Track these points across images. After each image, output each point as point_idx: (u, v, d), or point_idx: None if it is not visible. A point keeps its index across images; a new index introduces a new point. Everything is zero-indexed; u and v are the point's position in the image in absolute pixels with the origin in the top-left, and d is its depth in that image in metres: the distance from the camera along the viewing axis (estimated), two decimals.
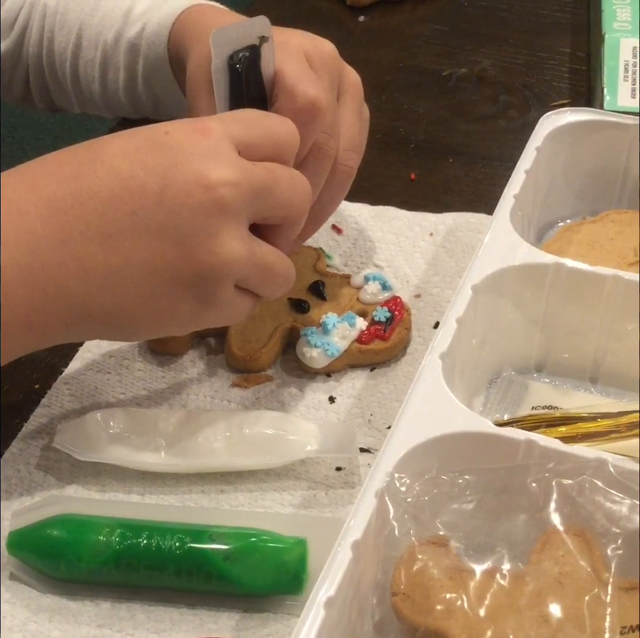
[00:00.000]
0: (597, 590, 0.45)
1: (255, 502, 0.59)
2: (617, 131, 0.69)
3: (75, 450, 0.59)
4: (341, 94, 0.63)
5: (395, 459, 0.48)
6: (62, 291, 0.51)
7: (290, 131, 0.56)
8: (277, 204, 0.55)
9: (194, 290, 0.53)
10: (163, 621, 0.54)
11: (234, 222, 0.52)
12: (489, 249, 0.60)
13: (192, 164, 0.52)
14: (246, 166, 0.53)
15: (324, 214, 0.65)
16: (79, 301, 0.51)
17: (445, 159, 0.83)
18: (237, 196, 0.52)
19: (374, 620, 0.47)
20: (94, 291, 0.51)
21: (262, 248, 0.55)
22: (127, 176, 0.51)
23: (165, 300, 0.53)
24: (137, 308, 0.53)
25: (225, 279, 0.53)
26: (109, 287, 0.51)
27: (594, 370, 0.63)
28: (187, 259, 0.52)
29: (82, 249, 0.50)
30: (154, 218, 0.51)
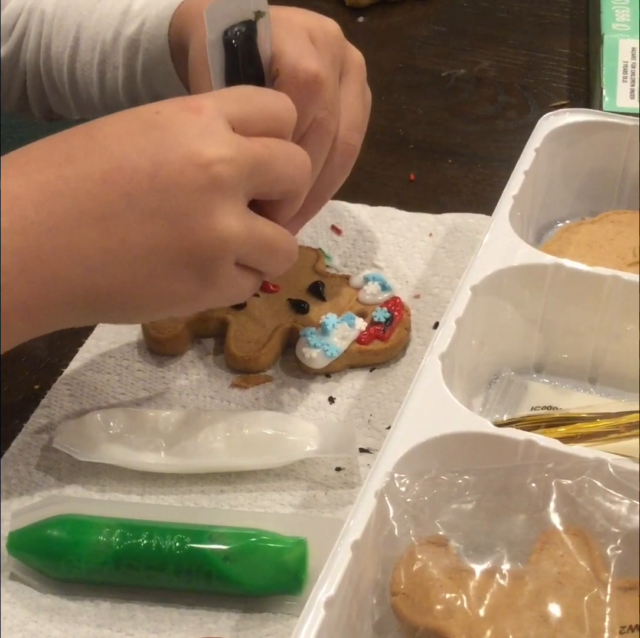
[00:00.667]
0: (596, 590, 0.45)
1: (255, 502, 0.59)
2: (616, 131, 0.69)
3: (75, 450, 0.59)
4: (344, 74, 0.63)
5: (395, 459, 0.48)
6: (58, 276, 0.50)
7: (287, 106, 0.56)
8: (276, 179, 0.54)
9: (194, 270, 0.52)
10: (163, 621, 0.54)
11: (230, 199, 0.51)
12: (488, 250, 0.60)
13: (184, 143, 0.51)
14: (241, 141, 0.52)
15: (326, 193, 0.64)
16: (76, 286, 0.51)
17: (444, 159, 0.83)
18: (232, 172, 0.51)
19: (374, 620, 0.47)
20: (91, 275, 0.51)
21: (261, 224, 0.54)
22: (119, 158, 0.50)
23: (164, 281, 0.52)
24: (136, 290, 0.52)
25: (224, 257, 0.52)
26: (106, 270, 0.51)
27: (593, 370, 0.63)
28: (185, 239, 0.51)
29: (77, 233, 0.50)
30: (148, 199, 0.50)
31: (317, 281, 0.69)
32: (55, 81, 0.78)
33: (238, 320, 0.67)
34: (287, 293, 0.69)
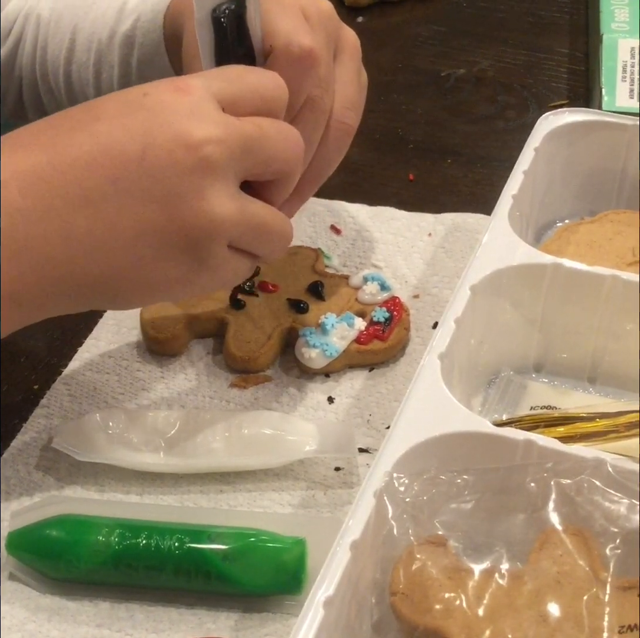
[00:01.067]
0: (595, 590, 0.45)
1: (254, 502, 0.59)
2: (616, 131, 0.69)
3: (74, 451, 0.59)
4: (338, 53, 0.62)
5: (394, 459, 0.48)
6: (48, 262, 0.49)
7: (278, 84, 0.55)
8: (268, 158, 0.53)
9: (186, 253, 0.51)
10: (162, 621, 0.54)
11: (221, 181, 0.51)
12: (487, 250, 0.60)
13: (173, 124, 0.50)
14: (231, 121, 0.51)
15: (321, 174, 0.63)
16: (66, 271, 0.50)
17: (443, 159, 0.83)
18: (222, 153, 0.50)
19: (373, 619, 0.47)
20: (81, 261, 0.50)
21: (254, 205, 0.53)
22: (107, 141, 0.50)
23: (156, 265, 0.51)
24: (127, 275, 0.51)
25: (216, 240, 0.51)
26: (96, 255, 0.50)
27: (592, 370, 0.63)
28: (175, 222, 0.50)
29: (65, 219, 0.49)
30: (137, 182, 0.49)
31: (316, 281, 0.69)
32: (51, 84, 0.77)
33: (237, 320, 0.67)
34: (286, 293, 0.68)
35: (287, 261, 0.71)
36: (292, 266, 0.71)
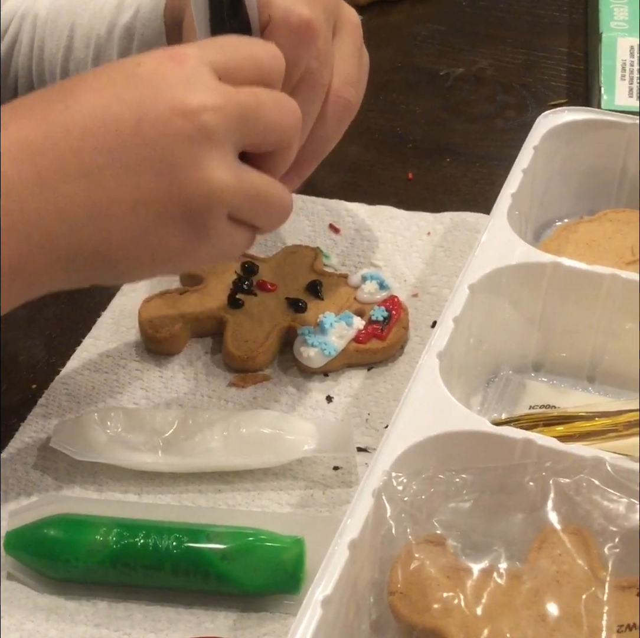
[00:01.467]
0: (594, 589, 0.45)
1: (253, 501, 0.59)
2: (615, 130, 0.69)
3: (72, 450, 0.59)
4: (338, 29, 0.61)
5: (393, 458, 0.48)
6: (44, 235, 0.48)
7: (275, 54, 0.53)
8: (265, 128, 0.52)
9: (185, 224, 0.50)
10: (160, 620, 0.54)
11: (219, 149, 0.50)
12: (486, 249, 0.60)
13: (168, 93, 0.49)
14: (227, 90, 0.50)
15: (321, 150, 0.61)
16: (63, 244, 0.49)
17: (442, 158, 0.83)
18: (220, 121, 0.49)
19: (371, 619, 0.47)
20: (78, 233, 0.49)
21: (253, 175, 0.52)
22: (101, 111, 0.49)
23: (155, 236, 0.50)
24: (126, 246, 0.50)
25: (216, 210, 0.51)
26: (93, 227, 0.49)
27: (591, 369, 0.63)
28: (174, 192, 0.49)
29: (61, 191, 0.48)
30: (133, 152, 0.48)
31: (315, 280, 0.69)
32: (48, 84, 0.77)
33: (236, 319, 0.67)
34: (284, 292, 0.68)
35: (285, 261, 0.71)
36: (291, 265, 0.71)
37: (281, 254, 0.72)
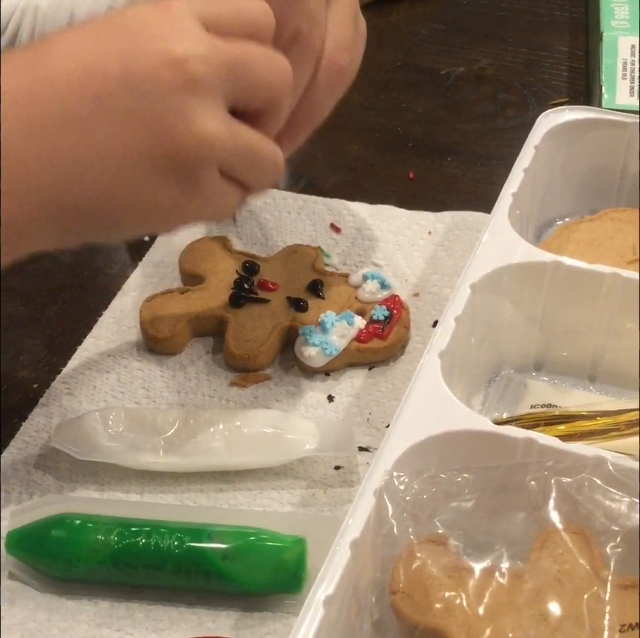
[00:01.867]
0: (596, 588, 0.45)
1: (254, 501, 0.59)
2: (616, 129, 0.69)
3: (73, 450, 0.59)
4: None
5: (394, 458, 0.48)
6: (32, 188, 0.47)
7: (264, 10, 0.52)
8: (255, 83, 0.51)
9: (176, 176, 0.49)
10: (162, 620, 0.54)
11: (208, 100, 0.48)
12: (487, 248, 0.60)
13: (155, 42, 0.48)
14: (216, 41, 0.49)
15: (314, 116, 0.59)
16: (52, 197, 0.48)
17: (443, 158, 0.83)
18: (208, 71, 0.48)
19: (373, 618, 0.47)
20: (66, 184, 0.47)
21: (245, 130, 0.51)
22: (86, 59, 0.48)
23: (145, 188, 0.49)
24: (116, 198, 0.49)
25: (207, 162, 0.49)
26: (82, 178, 0.48)
27: (592, 368, 0.63)
28: (163, 143, 0.48)
29: (46, 142, 0.47)
30: (119, 102, 0.47)
31: (316, 280, 0.69)
32: None
33: (237, 319, 0.67)
34: (285, 291, 0.68)
35: (286, 260, 0.71)
36: (292, 264, 0.71)
37: (282, 254, 0.72)
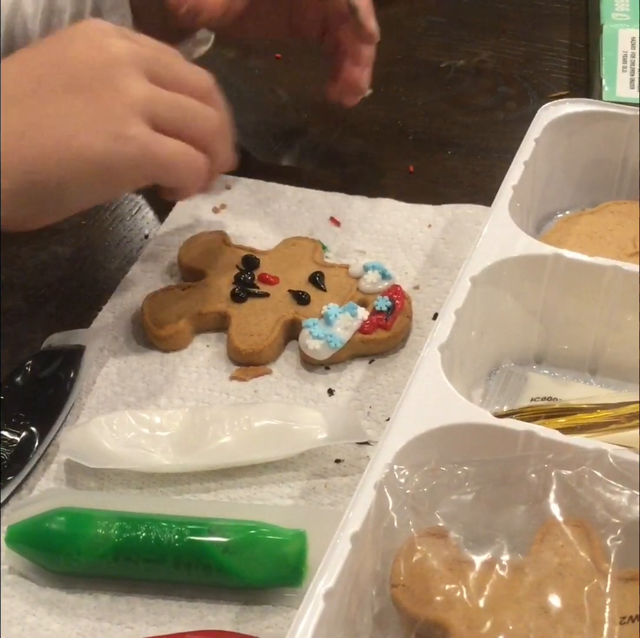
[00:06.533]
0: (596, 581, 0.45)
1: (254, 495, 0.59)
2: (616, 121, 0.69)
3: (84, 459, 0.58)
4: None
5: (394, 451, 0.48)
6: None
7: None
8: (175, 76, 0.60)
9: (105, 128, 0.56)
10: (162, 614, 0.54)
11: (133, 70, 0.57)
12: (487, 241, 0.60)
13: (87, 39, 0.59)
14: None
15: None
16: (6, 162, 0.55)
17: (443, 151, 0.83)
18: (131, 51, 0.58)
19: (374, 611, 0.47)
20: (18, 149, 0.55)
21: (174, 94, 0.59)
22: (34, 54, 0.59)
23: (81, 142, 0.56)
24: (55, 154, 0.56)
25: (131, 113, 0.57)
26: (31, 141, 0.56)
27: (593, 361, 0.63)
28: (95, 105, 0.56)
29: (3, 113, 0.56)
30: (57, 79, 0.57)
31: (317, 272, 0.69)
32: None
33: (239, 314, 0.67)
34: (286, 285, 0.68)
35: (285, 253, 0.71)
36: (292, 257, 0.70)
37: (281, 247, 0.72)
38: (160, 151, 0.58)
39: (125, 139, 0.57)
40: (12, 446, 0.59)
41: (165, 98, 0.59)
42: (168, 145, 0.58)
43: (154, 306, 0.67)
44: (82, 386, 0.64)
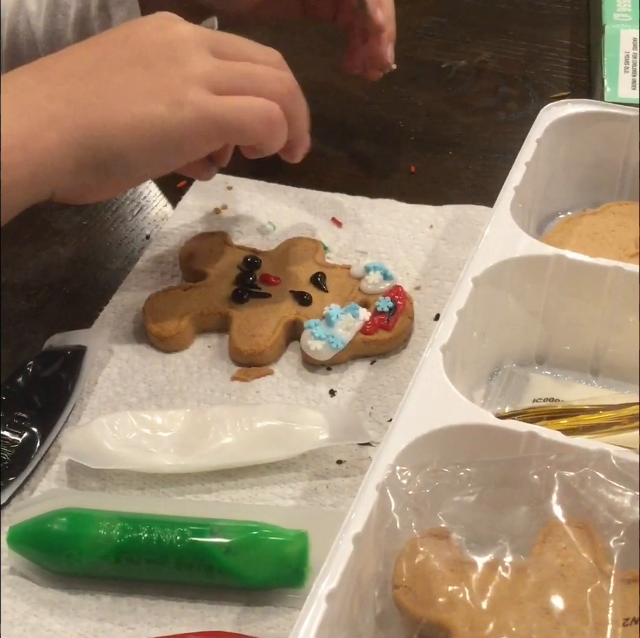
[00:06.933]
0: (599, 582, 0.45)
1: (256, 495, 0.59)
2: (618, 122, 0.69)
3: (87, 460, 0.58)
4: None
5: (397, 452, 0.48)
6: (53, 117, 0.57)
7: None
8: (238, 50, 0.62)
9: (164, 95, 0.58)
10: (164, 615, 0.54)
11: (198, 47, 0.60)
12: (489, 242, 0.60)
13: (155, 22, 0.61)
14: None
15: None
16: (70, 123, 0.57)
17: (445, 151, 0.83)
18: (194, 33, 0.60)
19: (376, 612, 0.47)
20: (81, 112, 0.57)
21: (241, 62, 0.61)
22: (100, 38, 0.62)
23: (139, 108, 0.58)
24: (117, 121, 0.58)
25: (191, 82, 0.58)
26: (94, 107, 0.58)
27: (595, 362, 0.63)
28: (158, 75, 0.59)
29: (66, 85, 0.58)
30: (123, 54, 0.60)
31: (318, 272, 0.69)
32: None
33: (241, 314, 0.67)
34: (288, 285, 0.68)
35: (287, 253, 0.71)
36: (293, 257, 0.70)
37: (282, 247, 0.72)
38: (222, 110, 0.59)
39: (182, 104, 0.58)
40: (13, 447, 0.59)
41: (231, 67, 0.60)
42: (234, 102, 0.59)
43: (155, 307, 0.67)
44: (83, 386, 0.64)
